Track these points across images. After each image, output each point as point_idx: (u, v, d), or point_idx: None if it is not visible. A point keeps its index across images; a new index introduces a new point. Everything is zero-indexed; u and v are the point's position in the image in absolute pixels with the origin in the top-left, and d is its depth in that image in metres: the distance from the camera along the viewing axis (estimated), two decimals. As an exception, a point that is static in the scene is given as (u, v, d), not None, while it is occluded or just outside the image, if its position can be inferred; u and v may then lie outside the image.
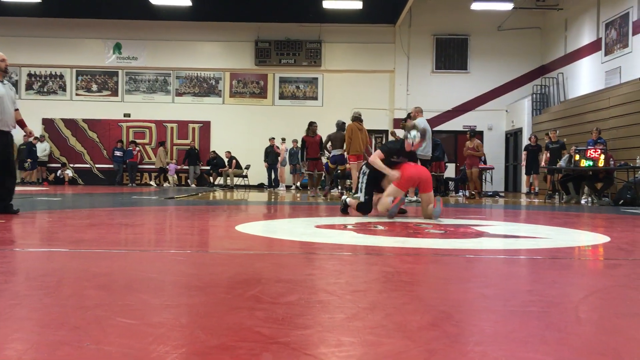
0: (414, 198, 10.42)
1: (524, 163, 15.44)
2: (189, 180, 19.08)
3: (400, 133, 12.70)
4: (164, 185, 18.95)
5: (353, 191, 8.74)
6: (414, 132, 6.04)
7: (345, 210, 6.43)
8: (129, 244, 3.79)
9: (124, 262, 3.00)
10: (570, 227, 5.47)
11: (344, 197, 6.85)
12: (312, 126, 12.42)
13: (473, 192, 13.21)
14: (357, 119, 11.10)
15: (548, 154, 13.86)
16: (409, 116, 11.07)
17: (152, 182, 19.33)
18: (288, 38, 19.48)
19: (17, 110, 5.90)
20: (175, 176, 19.34)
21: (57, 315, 1.79)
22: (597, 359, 1.44)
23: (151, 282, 2.41)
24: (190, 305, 1.98)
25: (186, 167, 19.17)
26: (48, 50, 19.61)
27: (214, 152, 18.95)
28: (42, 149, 19.01)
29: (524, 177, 16.34)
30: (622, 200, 10.19)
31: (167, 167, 19.10)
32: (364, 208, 6.17)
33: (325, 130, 12.97)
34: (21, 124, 5.99)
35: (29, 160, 18.32)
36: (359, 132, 10.92)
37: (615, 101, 13.46)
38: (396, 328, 1.67)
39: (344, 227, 4.96)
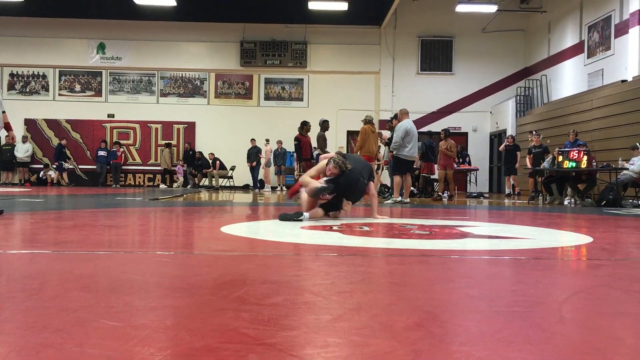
0: (399, 198, 10.46)
1: (503, 147, 15.40)
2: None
3: (386, 134, 12.75)
4: (173, 186, 18.86)
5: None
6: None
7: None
8: (112, 246, 3.75)
9: (108, 263, 2.97)
10: (553, 228, 5.52)
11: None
12: (306, 125, 12.44)
13: (452, 194, 13.23)
14: (370, 122, 11.21)
15: (532, 158, 13.99)
16: (395, 117, 11.11)
17: (161, 184, 19.16)
18: (273, 39, 19.46)
19: (4, 112, 5.91)
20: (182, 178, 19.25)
21: (40, 317, 1.77)
22: (581, 358, 1.45)
23: (135, 283, 2.39)
24: (175, 306, 1.96)
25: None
26: (31, 49, 19.42)
27: (199, 152, 18.88)
28: (25, 149, 18.80)
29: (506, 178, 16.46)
30: (604, 201, 10.31)
31: (176, 168, 19.00)
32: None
33: (312, 131, 12.96)
34: (7, 127, 6.01)
35: (65, 162, 18.41)
36: (371, 135, 11.04)
37: (598, 103, 13.62)
38: (382, 329, 1.68)
39: (330, 228, 4.96)
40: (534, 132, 14.56)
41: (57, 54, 19.49)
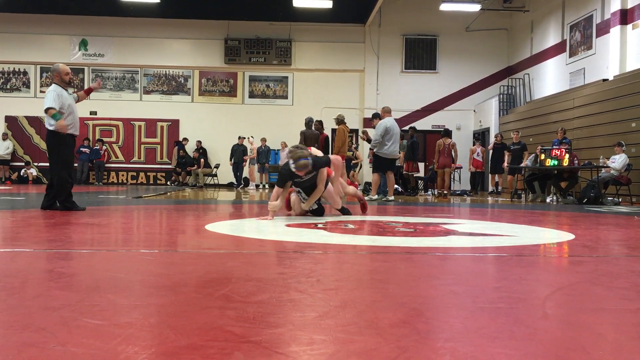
0: (375, 196, 10.48)
1: (491, 145, 15.55)
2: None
3: (371, 133, 12.78)
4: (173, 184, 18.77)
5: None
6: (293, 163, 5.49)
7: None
8: (95, 244, 3.72)
9: (91, 262, 2.95)
10: (536, 225, 5.57)
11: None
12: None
13: (445, 192, 13.39)
14: (344, 121, 11.22)
15: (510, 155, 14.13)
16: (376, 116, 11.12)
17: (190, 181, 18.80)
18: (258, 36, 19.39)
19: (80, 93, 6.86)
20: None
21: (22, 316, 1.75)
22: (564, 354, 1.46)
23: (119, 282, 2.37)
24: (159, 305, 1.95)
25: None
26: (11, 46, 19.14)
27: (183, 150, 18.77)
28: (5, 147, 18.56)
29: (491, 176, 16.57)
30: (586, 199, 10.43)
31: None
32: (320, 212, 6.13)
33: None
34: (87, 92, 7.01)
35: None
36: (346, 135, 11.11)
37: (580, 102, 13.77)
38: (367, 325, 1.68)
39: (315, 225, 4.96)
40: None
41: (39, 51, 19.22)
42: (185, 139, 18.92)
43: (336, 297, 2.08)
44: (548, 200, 11.38)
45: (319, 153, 6.02)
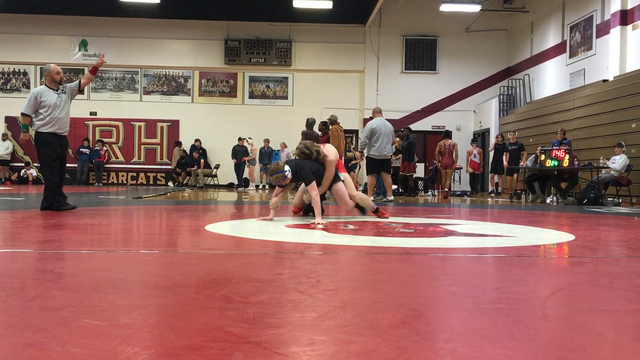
0: (372, 197, 10.45)
1: (492, 146, 15.57)
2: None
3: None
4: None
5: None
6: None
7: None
8: (95, 244, 3.72)
9: (91, 262, 2.94)
10: (536, 226, 5.57)
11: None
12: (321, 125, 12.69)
13: (447, 191, 13.54)
14: (336, 122, 11.18)
15: (508, 155, 14.18)
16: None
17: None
18: (258, 37, 19.39)
19: (81, 82, 6.93)
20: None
21: (22, 316, 1.74)
22: (564, 355, 1.46)
23: (119, 282, 2.37)
24: (159, 305, 1.95)
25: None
26: (11, 46, 19.14)
27: (183, 151, 18.77)
28: (5, 147, 18.56)
29: (490, 177, 16.57)
30: (586, 200, 10.42)
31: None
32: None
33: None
34: (93, 71, 6.93)
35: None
36: (341, 135, 11.05)
37: (580, 102, 13.77)
38: (367, 326, 1.68)
39: (314, 226, 4.95)
40: (508, 133, 14.90)
41: (39, 51, 19.20)
42: (197, 140, 18.80)
43: (336, 298, 2.07)
44: (548, 201, 11.37)
45: (332, 150, 6.00)
